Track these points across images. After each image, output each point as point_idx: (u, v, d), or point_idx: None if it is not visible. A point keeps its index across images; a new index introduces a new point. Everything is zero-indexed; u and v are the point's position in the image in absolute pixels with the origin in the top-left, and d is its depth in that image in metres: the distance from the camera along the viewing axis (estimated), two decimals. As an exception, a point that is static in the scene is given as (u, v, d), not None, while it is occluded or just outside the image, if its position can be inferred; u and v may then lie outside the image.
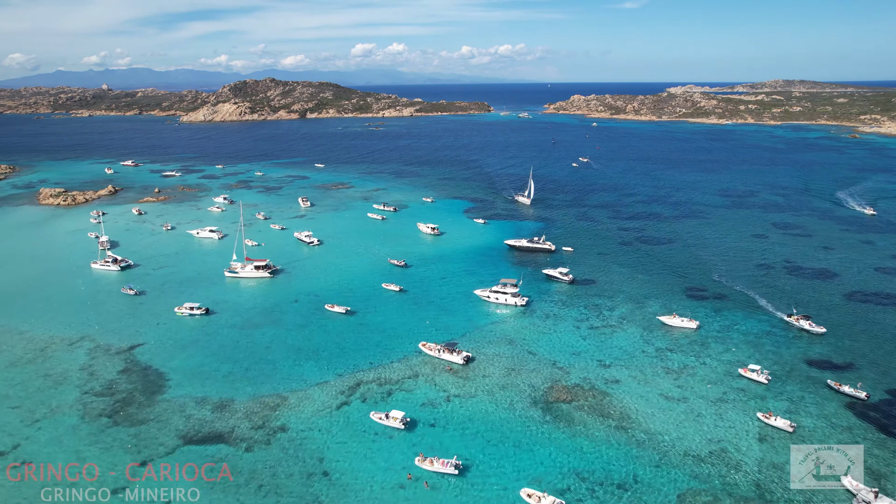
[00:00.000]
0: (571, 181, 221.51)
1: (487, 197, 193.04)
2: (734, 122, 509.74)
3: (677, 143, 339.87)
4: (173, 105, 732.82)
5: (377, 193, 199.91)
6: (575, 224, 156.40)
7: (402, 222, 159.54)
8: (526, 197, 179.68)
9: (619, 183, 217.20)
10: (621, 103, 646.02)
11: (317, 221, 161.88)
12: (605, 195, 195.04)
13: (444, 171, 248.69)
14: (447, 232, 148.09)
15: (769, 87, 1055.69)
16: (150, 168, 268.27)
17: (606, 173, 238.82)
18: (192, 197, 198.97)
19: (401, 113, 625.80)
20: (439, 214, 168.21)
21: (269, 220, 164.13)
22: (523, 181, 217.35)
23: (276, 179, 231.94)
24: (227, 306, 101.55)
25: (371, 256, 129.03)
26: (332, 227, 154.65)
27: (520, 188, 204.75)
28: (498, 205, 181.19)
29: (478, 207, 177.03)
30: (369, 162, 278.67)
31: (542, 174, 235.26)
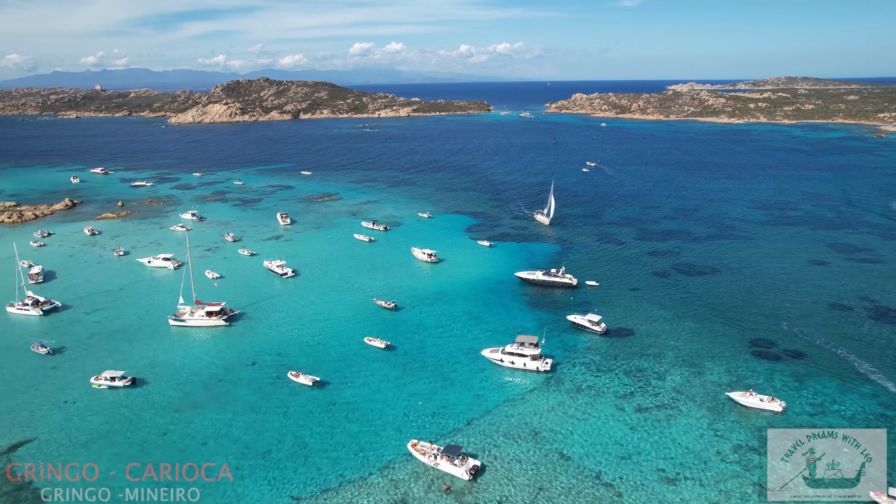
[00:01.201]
0: (585, 190, 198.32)
1: (492, 211, 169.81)
2: (746, 122, 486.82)
3: (693, 146, 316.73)
4: (164, 106, 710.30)
5: (367, 207, 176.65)
6: (596, 247, 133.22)
7: (394, 245, 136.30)
8: (545, 216, 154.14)
9: (638, 192, 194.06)
10: (626, 102, 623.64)
11: (294, 244, 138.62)
12: (625, 208, 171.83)
13: (442, 178, 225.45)
14: (446, 258, 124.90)
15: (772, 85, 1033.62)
16: (122, 176, 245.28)
17: (622, 180, 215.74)
18: (158, 212, 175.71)
19: (397, 113, 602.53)
20: (437, 234, 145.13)
21: (239, 242, 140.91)
22: (531, 191, 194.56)
23: (257, 190, 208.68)
24: (163, 373, 78.40)
25: (354, 294, 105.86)
26: (312, 253, 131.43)
27: (528, 200, 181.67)
28: (504, 221, 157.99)
29: (482, 225, 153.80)
30: (361, 168, 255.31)
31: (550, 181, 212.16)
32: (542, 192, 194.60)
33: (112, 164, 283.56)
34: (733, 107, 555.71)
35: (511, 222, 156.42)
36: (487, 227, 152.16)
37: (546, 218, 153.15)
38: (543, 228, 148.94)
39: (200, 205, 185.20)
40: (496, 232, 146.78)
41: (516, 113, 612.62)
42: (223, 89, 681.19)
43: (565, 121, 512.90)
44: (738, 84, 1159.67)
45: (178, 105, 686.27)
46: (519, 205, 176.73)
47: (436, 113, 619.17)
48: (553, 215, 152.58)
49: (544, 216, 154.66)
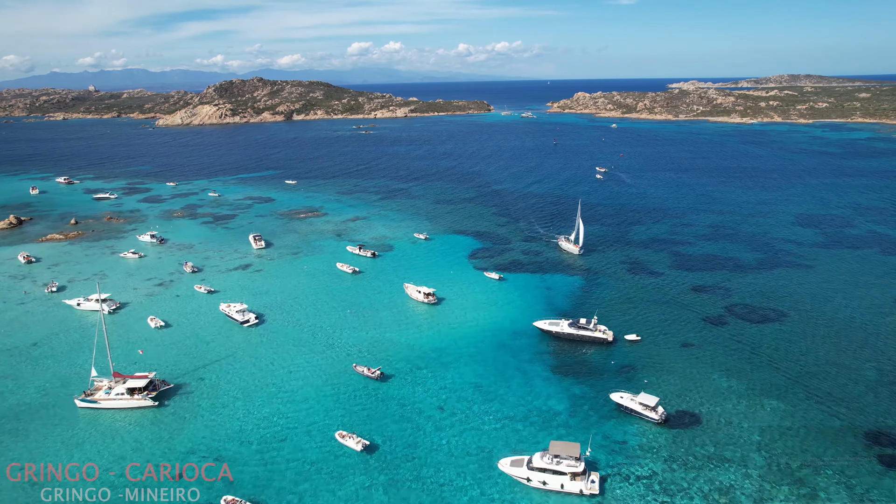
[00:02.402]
0: (603, 202, 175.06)
1: (499, 230, 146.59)
2: (760, 121, 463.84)
3: (711, 148, 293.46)
4: (155, 107, 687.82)
5: (355, 226, 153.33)
6: (627, 280, 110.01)
7: (384, 278, 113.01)
8: (572, 242, 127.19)
9: (663, 204, 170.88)
10: (631, 101, 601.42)
11: (264, 277, 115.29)
12: (652, 225, 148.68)
13: (441, 188, 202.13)
14: (447, 297, 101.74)
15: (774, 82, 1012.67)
16: (88, 186, 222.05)
17: (643, 189, 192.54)
18: (115, 232, 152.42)
19: (394, 114, 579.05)
20: (435, 262, 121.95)
21: (199, 274, 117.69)
22: (542, 203, 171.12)
23: (233, 203, 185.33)
24: (44, 496, 55.22)
25: (330, 353, 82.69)
26: (283, 289, 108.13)
27: (540, 215, 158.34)
28: (514, 244, 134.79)
29: (488, 250, 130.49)
30: (352, 176, 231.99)
31: (564, 192, 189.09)
32: (555, 206, 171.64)
33: (82, 171, 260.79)
34: (744, 106, 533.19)
35: (522, 246, 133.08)
36: (495, 251, 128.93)
37: (574, 246, 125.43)
38: (566, 256, 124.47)
39: (165, 222, 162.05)
40: (505, 258, 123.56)
41: (518, 113, 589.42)
42: (216, 90, 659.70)
43: (570, 121, 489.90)
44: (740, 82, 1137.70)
45: (169, 106, 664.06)
46: (530, 222, 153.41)
47: (434, 113, 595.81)
48: (584, 242, 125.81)
49: (570, 243, 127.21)
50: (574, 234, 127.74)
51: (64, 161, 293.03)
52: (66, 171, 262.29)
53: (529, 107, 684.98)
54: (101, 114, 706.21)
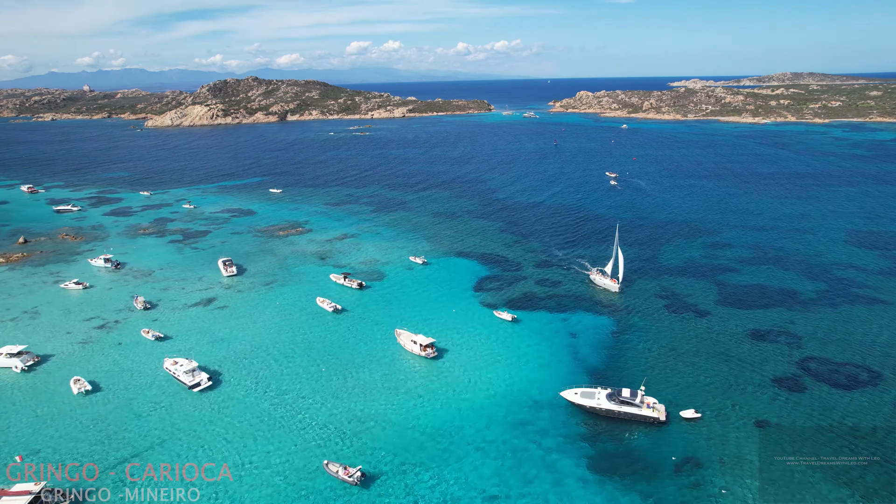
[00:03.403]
0: (622, 216, 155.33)
1: (508, 251, 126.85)
2: (774, 121, 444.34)
3: (729, 151, 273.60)
4: (147, 108, 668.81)
5: (342, 246, 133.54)
6: (669, 322, 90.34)
7: (371, 320, 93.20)
8: (607, 275, 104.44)
9: (690, 217, 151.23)
10: (637, 100, 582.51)
11: (228, 317, 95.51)
12: (684, 244, 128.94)
13: (440, 199, 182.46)
14: (449, 348, 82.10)
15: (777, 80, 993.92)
16: (53, 196, 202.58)
17: (665, 200, 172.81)
18: (66, 254, 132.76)
19: (392, 114, 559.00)
20: (433, 296, 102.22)
21: (151, 311, 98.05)
22: (556, 217, 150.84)
23: (208, 217, 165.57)
24: None
25: (295, 440, 63.02)
26: (248, 335, 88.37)
27: (555, 231, 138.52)
28: (527, 270, 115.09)
29: (496, 278, 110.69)
30: (343, 184, 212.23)
31: (579, 204, 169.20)
32: (571, 220, 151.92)
33: (53, 178, 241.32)
34: (755, 105, 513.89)
35: (537, 273, 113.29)
36: (504, 280, 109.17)
37: (612, 281, 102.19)
38: (597, 292, 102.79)
39: (127, 241, 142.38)
40: (518, 291, 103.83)
41: (520, 112, 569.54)
42: (209, 89, 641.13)
43: (574, 121, 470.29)
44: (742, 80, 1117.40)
45: (161, 107, 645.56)
46: (544, 241, 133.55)
47: (433, 113, 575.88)
48: (623, 276, 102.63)
49: (606, 277, 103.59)
50: (611, 265, 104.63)
51: (37, 166, 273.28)
52: (35, 177, 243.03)
53: (531, 106, 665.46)
54: (92, 114, 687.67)
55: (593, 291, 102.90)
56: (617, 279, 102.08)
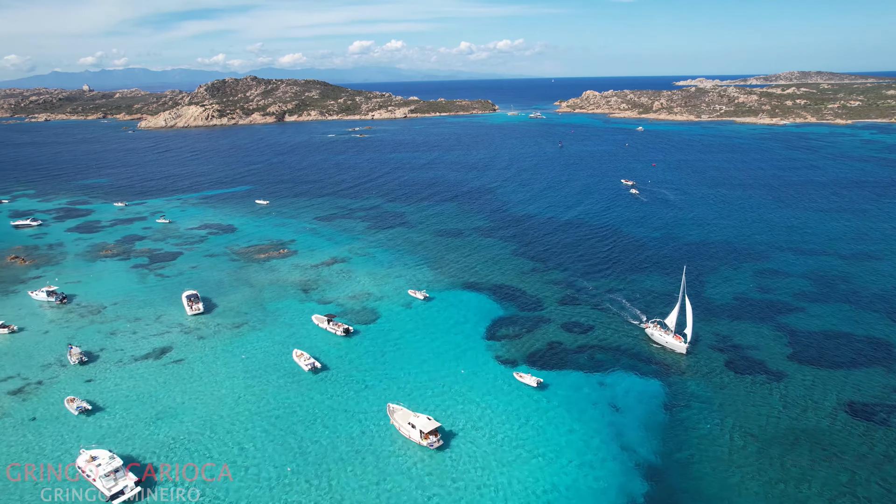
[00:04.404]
0: (651, 235, 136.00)
1: (524, 282, 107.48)
2: (794, 122, 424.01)
3: (755, 156, 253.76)
4: (144, 108, 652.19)
5: (329, 274, 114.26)
6: (734, 387, 70.86)
7: (358, 385, 73.86)
8: (669, 331, 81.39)
9: (731, 237, 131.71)
10: (646, 100, 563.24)
11: (179, 377, 76.39)
12: (730, 273, 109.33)
13: (444, 213, 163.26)
14: (458, 431, 62.89)
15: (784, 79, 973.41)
16: (17, 207, 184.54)
17: (696, 212, 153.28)
18: (7, 282, 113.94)
19: (393, 114, 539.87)
20: (438, 346, 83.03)
21: (87, 367, 79.13)
22: (579, 236, 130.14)
23: (182, 235, 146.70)
24: None
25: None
26: (200, 407, 69.17)
27: (579, 254, 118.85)
28: (549, 308, 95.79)
29: (514, 321, 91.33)
30: (336, 194, 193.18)
31: (603, 220, 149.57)
32: (592, 238, 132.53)
33: (26, 185, 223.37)
34: (770, 105, 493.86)
35: (562, 313, 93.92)
36: (523, 324, 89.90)
37: (676, 338, 79.42)
38: (637, 344, 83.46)
39: (85, 265, 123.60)
40: (541, 338, 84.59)
41: (525, 113, 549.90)
42: (207, 89, 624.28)
43: (583, 122, 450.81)
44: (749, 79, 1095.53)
45: (157, 107, 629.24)
46: (567, 269, 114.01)
47: (436, 114, 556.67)
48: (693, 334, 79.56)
49: (668, 333, 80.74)
50: (674, 317, 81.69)
51: (11, 172, 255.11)
52: (6, 184, 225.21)
53: (537, 106, 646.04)
54: (87, 115, 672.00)
55: (629, 341, 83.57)
56: (684, 337, 79.57)
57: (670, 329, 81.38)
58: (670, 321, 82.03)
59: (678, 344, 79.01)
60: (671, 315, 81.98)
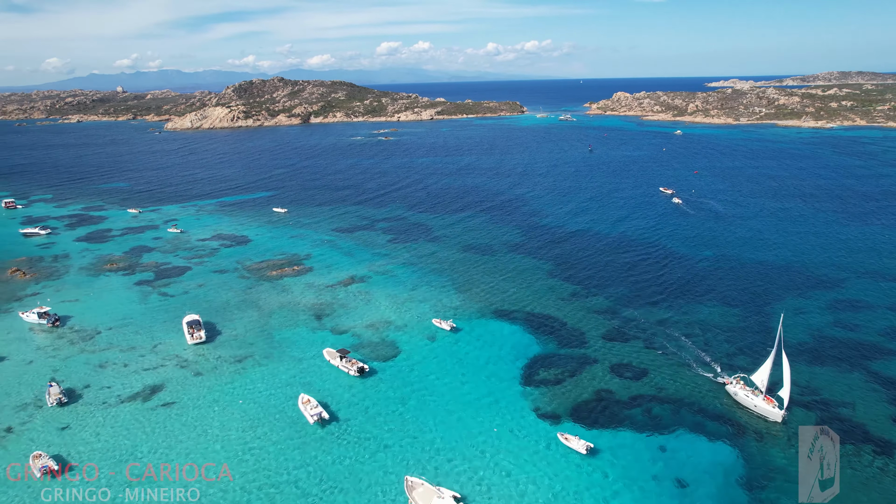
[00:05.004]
0: (701, 254, 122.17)
1: (564, 311, 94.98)
2: (841, 125, 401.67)
3: (807, 163, 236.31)
4: (172, 109, 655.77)
5: (346, 296, 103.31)
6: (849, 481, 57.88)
7: (371, 446, 62.54)
8: (762, 395, 65.35)
9: (796, 258, 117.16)
10: (680, 102, 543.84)
11: (168, 425, 66.07)
12: (803, 307, 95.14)
13: (472, 225, 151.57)
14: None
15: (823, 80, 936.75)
16: (31, 213, 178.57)
17: (750, 228, 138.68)
18: (3, 299, 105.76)
19: (419, 116, 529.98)
20: (466, 395, 71.25)
21: (68, 408, 69.52)
22: (624, 254, 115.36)
23: (193, 247, 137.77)
24: None
25: None
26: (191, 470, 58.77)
27: (625, 278, 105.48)
28: (594, 345, 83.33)
29: (553, 361, 79.00)
30: (357, 202, 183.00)
31: (649, 237, 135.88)
32: (635, 256, 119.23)
33: (45, 189, 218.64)
34: (814, 106, 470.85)
35: (608, 351, 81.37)
36: (564, 365, 77.58)
37: (769, 401, 64.16)
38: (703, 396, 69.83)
39: (87, 280, 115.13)
40: (587, 385, 72.25)
41: (555, 115, 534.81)
42: (234, 90, 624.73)
43: (615, 124, 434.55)
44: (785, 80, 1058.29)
45: (185, 108, 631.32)
46: (610, 292, 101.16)
47: (463, 115, 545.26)
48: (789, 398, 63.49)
49: (757, 394, 65.38)
50: (765, 373, 65.67)
51: (35, 175, 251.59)
52: (26, 188, 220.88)
53: (566, 108, 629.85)
54: (118, 116, 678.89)
55: (691, 390, 70.65)
56: (779, 401, 63.88)
57: (759, 389, 66.58)
58: (759, 378, 66.97)
59: (771, 410, 63.79)
60: (761, 371, 67.01)
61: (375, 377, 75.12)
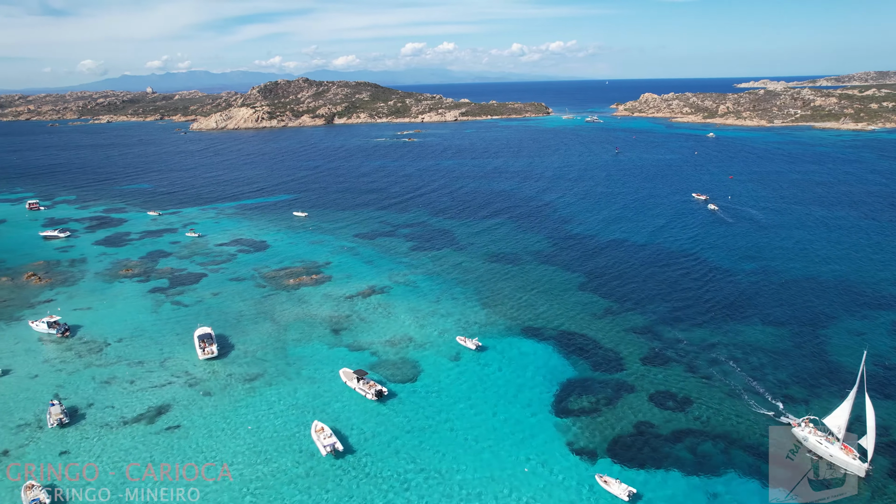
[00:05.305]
0: (743, 267, 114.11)
1: (596, 328, 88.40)
2: (884, 127, 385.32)
3: (852, 168, 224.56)
4: (199, 109, 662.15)
5: (365, 309, 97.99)
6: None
7: (388, 485, 57.00)
8: (839, 442, 56.45)
9: (846, 271, 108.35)
10: (710, 103, 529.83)
11: (171, 452, 61.50)
12: (861, 330, 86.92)
13: (498, 232, 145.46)
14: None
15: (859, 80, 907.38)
16: (54, 215, 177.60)
17: (798, 239, 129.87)
18: (16, 305, 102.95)
19: (443, 117, 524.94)
20: (494, 426, 65.21)
21: (69, 429, 65.35)
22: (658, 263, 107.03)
23: (210, 252, 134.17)
24: None
25: None
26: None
27: (662, 292, 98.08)
28: (629, 365, 76.68)
29: (587, 386, 72.57)
30: (379, 206, 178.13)
31: (677, 241, 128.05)
32: (676, 271, 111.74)
33: (69, 190, 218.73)
34: (853, 108, 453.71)
35: (647, 376, 74.50)
36: (600, 392, 71.07)
37: (846, 450, 55.69)
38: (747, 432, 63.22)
39: (101, 287, 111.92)
40: (625, 416, 65.72)
41: (581, 116, 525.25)
42: (260, 91, 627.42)
43: (643, 126, 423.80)
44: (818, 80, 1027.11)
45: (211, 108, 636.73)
46: (647, 309, 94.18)
47: (487, 117, 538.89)
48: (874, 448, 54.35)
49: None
50: (842, 419, 56.73)
51: (63, 176, 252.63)
52: (52, 189, 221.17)
53: (592, 109, 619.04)
54: (146, 116, 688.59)
55: (741, 425, 63.54)
56: (860, 451, 55.05)
57: (835, 435, 57.92)
58: (834, 423, 57.96)
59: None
60: (837, 414, 58.18)
61: (395, 402, 69.58)
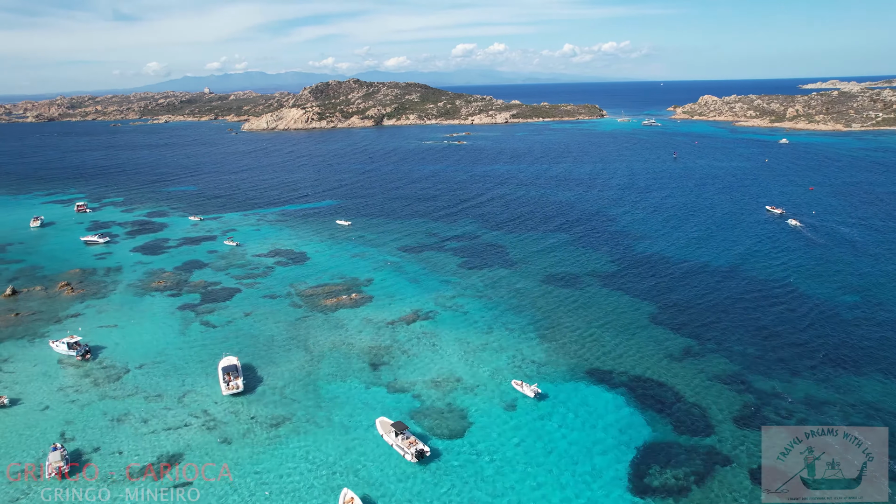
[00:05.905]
0: (842, 299, 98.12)
1: (675, 374, 75.20)
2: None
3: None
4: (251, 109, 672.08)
5: (407, 339, 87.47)
6: None
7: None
8: None
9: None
10: (777, 106, 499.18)
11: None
12: None
13: (556, 249, 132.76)
14: None
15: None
16: (99, 218, 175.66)
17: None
18: (43, 320, 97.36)
19: (493, 119, 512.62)
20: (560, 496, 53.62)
21: (70, 481, 57.28)
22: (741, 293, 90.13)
23: (247, 263, 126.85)
24: None
25: None
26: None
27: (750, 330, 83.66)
28: (721, 429, 63.40)
29: (672, 454, 59.92)
30: (425, 215, 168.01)
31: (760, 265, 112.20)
32: (760, 300, 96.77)
33: (120, 191, 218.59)
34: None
35: (745, 443, 61.28)
36: (688, 465, 58.32)
37: None
38: None
39: (130, 301, 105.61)
40: (724, 497, 53.00)
41: (638, 119, 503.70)
42: (311, 91, 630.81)
43: (705, 130, 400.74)
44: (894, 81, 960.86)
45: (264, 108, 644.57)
46: (733, 351, 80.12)
47: (539, 119, 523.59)
48: None
49: None
50: None
51: (116, 176, 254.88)
52: (103, 190, 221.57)
53: (649, 112, 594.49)
54: (201, 116, 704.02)
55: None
56: None
57: None
58: None
59: None
60: None
61: (438, 464, 58.72)
